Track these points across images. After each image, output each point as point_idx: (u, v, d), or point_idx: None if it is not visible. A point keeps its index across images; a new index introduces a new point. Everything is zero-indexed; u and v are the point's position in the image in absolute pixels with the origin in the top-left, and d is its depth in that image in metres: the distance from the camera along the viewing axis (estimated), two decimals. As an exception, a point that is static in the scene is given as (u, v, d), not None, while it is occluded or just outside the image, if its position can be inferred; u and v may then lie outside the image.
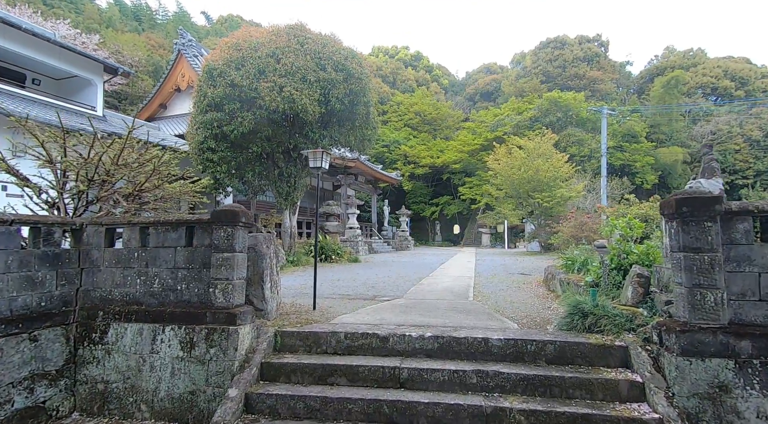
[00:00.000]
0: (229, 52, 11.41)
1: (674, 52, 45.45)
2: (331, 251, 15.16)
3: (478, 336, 3.84)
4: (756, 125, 34.03)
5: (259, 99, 10.83)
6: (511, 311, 5.11)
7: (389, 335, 3.96)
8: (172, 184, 5.07)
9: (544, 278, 7.50)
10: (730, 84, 39.44)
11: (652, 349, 3.36)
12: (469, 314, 4.90)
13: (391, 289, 7.27)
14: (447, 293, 6.57)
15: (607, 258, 4.71)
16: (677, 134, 35.38)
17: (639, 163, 31.70)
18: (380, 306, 5.45)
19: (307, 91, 10.99)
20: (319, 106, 11.45)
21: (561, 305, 5.28)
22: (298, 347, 4.05)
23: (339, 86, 11.58)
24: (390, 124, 41.91)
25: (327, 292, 7.04)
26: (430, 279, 8.82)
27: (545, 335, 3.89)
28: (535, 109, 33.21)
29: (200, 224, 4.03)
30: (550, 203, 18.64)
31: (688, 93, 38.06)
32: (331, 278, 9.36)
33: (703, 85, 39.64)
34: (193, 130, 11.94)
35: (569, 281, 5.70)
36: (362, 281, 8.75)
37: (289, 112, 10.98)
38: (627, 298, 4.02)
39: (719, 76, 40.13)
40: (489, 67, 57.34)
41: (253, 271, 4.45)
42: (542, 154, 20.05)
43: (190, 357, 3.69)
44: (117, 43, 31.32)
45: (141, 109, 23.30)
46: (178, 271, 4.01)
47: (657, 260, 4.69)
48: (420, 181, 37.68)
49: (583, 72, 40.13)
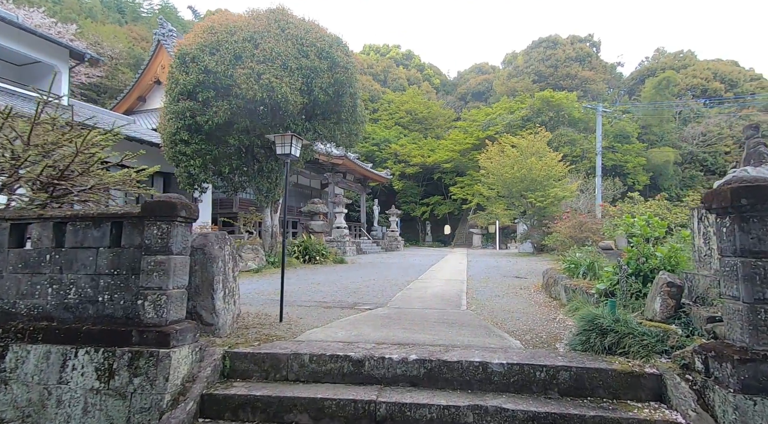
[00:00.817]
0: (203, 35, 10.54)
1: (665, 53, 45.54)
2: (315, 252, 14.34)
3: (474, 360, 3.10)
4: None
5: (235, 87, 9.99)
6: (511, 324, 4.39)
7: (365, 357, 3.19)
8: (110, 173, 4.24)
9: (543, 282, 6.81)
10: (720, 86, 39.57)
11: (695, 379, 2.65)
12: (463, 327, 4.16)
13: (375, 295, 6.51)
14: (437, 301, 5.83)
15: (624, 261, 4.02)
16: (668, 135, 35.27)
17: (630, 164, 31.44)
18: (359, 317, 4.68)
19: (288, 80, 10.18)
20: (302, 97, 10.64)
21: (568, 315, 4.58)
22: (251, 372, 3.26)
23: (323, 75, 10.79)
24: (380, 123, 41.17)
25: (302, 298, 6.26)
26: (419, 283, 8.08)
27: (557, 357, 3.16)
28: (528, 109, 32.76)
29: (129, 219, 3.22)
30: (543, 203, 18.07)
31: (678, 94, 38.04)
32: (310, 281, 8.56)
33: (693, 86, 39.70)
34: (164, 120, 11.03)
35: (575, 287, 5.00)
36: (344, 284, 7.97)
37: (268, 101, 10.15)
38: (654, 311, 3.32)
39: (709, 78, 40.25)
40: (480, 67, 56.95)
41: (201, 277, 3.65)
42: (535, 152, 19.49)
43: (108, 389, 2.87)
44: (96, 34, 30.04)
45: (118, 102, 22.22)
46: (101, 278, 3.20)
47: (681, 265, 4.02)
48: (410, 181, 37.00)
49: (575, 72, 39.89)
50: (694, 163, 34.57)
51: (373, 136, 37.93)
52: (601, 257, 5.78)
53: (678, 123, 37.01)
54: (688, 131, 35.72)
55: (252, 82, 9.81)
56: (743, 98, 39.10)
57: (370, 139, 37.84)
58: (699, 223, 3.30)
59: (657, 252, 3.94)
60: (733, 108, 37.15)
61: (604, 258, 5.74)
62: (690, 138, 35.21)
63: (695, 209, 3.42)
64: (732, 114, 36.09)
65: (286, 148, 4.62)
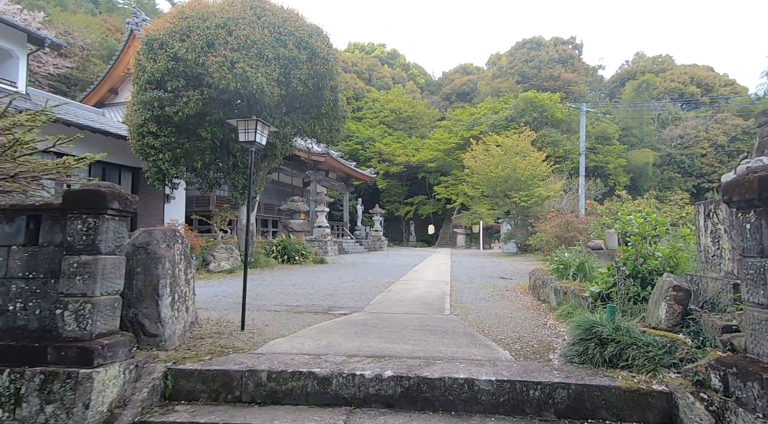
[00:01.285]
0: (173, 21, 9.88)
1: (644, 57, 46.44)
2: (294, 252, 13.78)
3: (459, 376, 2.68)
4: (721, 130, 34.93)
5: (206, 76, 9.38)
6: (499, 330, 4.00)
7: (333, 373, 2.74)
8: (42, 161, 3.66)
9: (530, 284, 6.47)
10: (696, 90, 40.54)
11: (711, 399, 2.30)
12: (446, 335, 3.74)
13: (352, 298, 6.06)
14: (418, 304, 5.41)
15: (621, 262, 3.67)
16: (647, 137, 35.89)
17: (612, 165, 31.82)
18: (331, 324, 4.22)
19: (264, 70, 9.62)
20: (279, 88, 10.10)
21: (559, 320, 4.23)
22: (199, 393, 2.77)
23: (302, 66, 10.27)
24: (365, 121, 40.71)
25: (273, 302, 5.75)
26: (401, 285, 7.66)
27: (552, 372, 2.77)
28: (512, 109, 32.82)
29: (49, 213, 2.69)
30: (527, 203, 17.93)
31: (657, 97, 38.77)
32: (285, 283, 8.04)
33: (671, 90, 40.56)
34: (131, 111, 10.33)
35: (566, 290, 4.66)
36: (321, 286, 7.49)
37: (243, 92, 9.57)
38: (658, 318, 2.97)
39: (686, 82, 41.20)
40: (465, 68, 57.00)
41: (145, 281, 3.13)
42: (520, 151, 19.37)
43: (14, 420, 2.35)
44: (66, 23, 28.62)
45: (88, 94, 21.12)
46: (12, 282, 2.65)
47: (681, 266, 3.70)
48: (395, 180, 36.64)
49: (558, 73, 40.24)
50: (672, 165, 35.26)
51: (357, 135, 37.45)
52: (591, 258, 5.48)
53: (657, 125, 37.72)
54: (666, 134, 36.44)
55: (225, 71, 9.22)
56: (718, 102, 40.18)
57: (354, 138, 37.33)
58: (706, 220, 2.99)
59: (658, 252, 3.62)
60: (709, 111, 38.11)
61: (594, 258, 5.43)
62: (668, 140, 35.92)
63: (701, 205, 3.11)
64: (708, 117, 36.99)
65: (250, 135, 4.13)
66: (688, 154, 34.83)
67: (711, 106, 39.56)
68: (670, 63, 44.31)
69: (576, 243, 8.01)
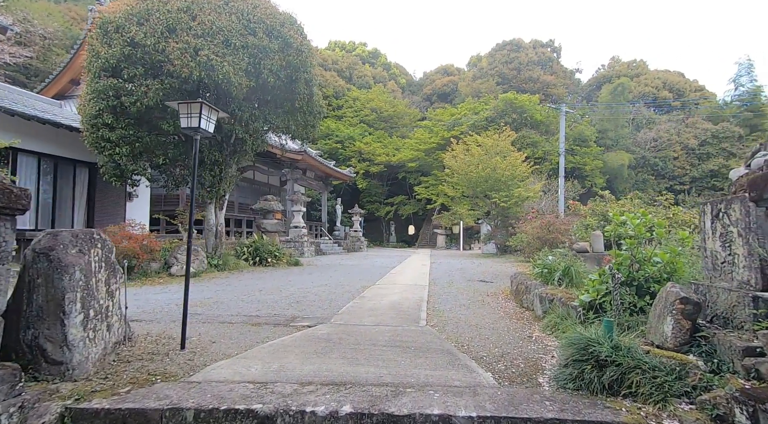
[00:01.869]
0: (130, 2, 9.09)
1: (619, 62, 47.48)
2: (267, 253, 13.10)
3: (433, 412, 2.19)
4: (692, 134, 35.94)
5: (167, 63, 8.63)
6: (479, 345, 3.55)
7: (277, 411, 2.21)
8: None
9: (513, 289, 6.08)
10: (669, 95, 41.70)
11: (736, 439, 1.89)
12: (420, 353, 3.26)
13: (321, 305, 5.52)
14: (392, 314, 4.91)
15: (615, 267, 3.28)
16: (623, 140, 36.57)
17: (589, 167, 32.23)
18: (290, 340, 3.67)
19: (231, 58, 8.95)
20: (248, 79, 9.44)
21: (546, 332, 3.81)
22: (105, 439, 2.19)
23: (273, 56, 9.64)
24: (345, 120, 40.08)
25: (231, 311, 5.15)
26: (376, 289, 7.16)
27: (543, 403, 2.32)
28: (492, 110, 32.84)
29: None
30: (507, 203, 17.75)
31: (632, 101, 39.64)
32: (251, 288, 7.42)
33: (645, 94, 41.57)
34: (85, 100, 9.47)
35: (552, 297, 4.26)
36: (290, 292, 6.91)
37: (208, 82, 8.87)
38: (663, 336, 2.57)
39: (659, 87, 42.33)
40: (446, 69, 57.05)
41: (47, 295, 2.52)
42: (500, 151, 19.19)
43: None
44: (26, 10, 26.88)
45: (47, 85, 19.76)
46: None
47: (679, 273, 3.34)
48: (375, 180, 36.15)
49: (537, 75, 40.63)
50: (646, 168, 36.04)
51: (337, 134, 36.78)
52: (577, 261, 5.13)
53: (632, 128, 38.54)
54: (641, 136, 37.27)
55: (187, 59, 8.51)
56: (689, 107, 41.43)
57: (333, 136, 36.66)
58: (714, 221, 2.61)
59: (657, 257, 3.24)
60: (681, 115, 39.21)
61: (580, 262, 5.08)
62: (643, 143, 36.73)
63: (708, 205, 2.74)
64: (680, 121, 38.04)
65: (194, 120, 3.55)
66: (661, 156, 35.69)
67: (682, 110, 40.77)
68: (644, 68, 45.47)
69: (559, 245, 7.69)
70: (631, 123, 39.03)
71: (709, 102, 43.17)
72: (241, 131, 10.54)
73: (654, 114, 40.17)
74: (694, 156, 35.23)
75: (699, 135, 35.63)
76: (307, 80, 10.93)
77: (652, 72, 44.50)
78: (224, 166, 11.16)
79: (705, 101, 43.07)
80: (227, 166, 11.26)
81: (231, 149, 11.21)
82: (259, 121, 10.74)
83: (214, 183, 11.04)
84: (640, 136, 37.35)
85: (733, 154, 34.03)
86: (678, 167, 35.34)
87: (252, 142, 11.24)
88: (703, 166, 34.36)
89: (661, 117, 39.48)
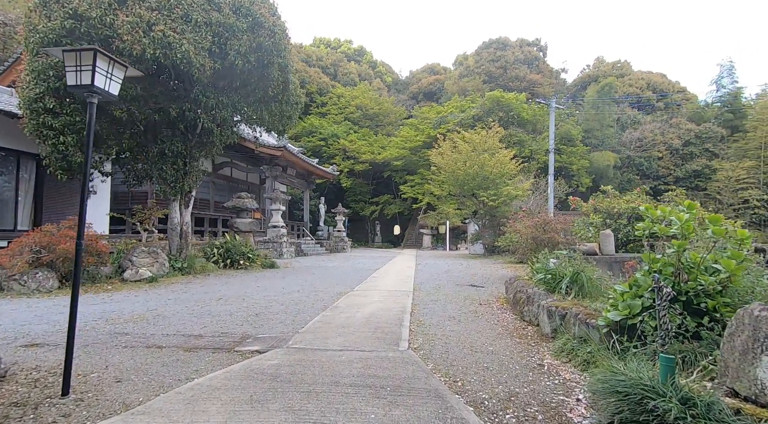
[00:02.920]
0: (74, -31, 7.98)
1: (604, 62, 47.65)
2: (239, 255, 12.06)
3: None
4: (675, 134, 36.08)
5: (116, 39, 7.56)
6: (478, 380, 2.70)
7: None
8: None
9: (510, 298, 5.27)
10: (652, 95, 41.96)
11: None
12: (398, 399, 2.37)
13: (284, 319, 4.61)
14: (366, 332, 4.01)
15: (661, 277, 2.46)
16: (608, 140, 36.52)
17: (575, 166, 32.00)
18: (222, 378, 2.72)
19: (192, 36, 7.94)
20: (212, 60, 8.44)
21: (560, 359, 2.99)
22: None
23: (241, 37, 8.65)
24: (329, 117, 39.04)
25: (170, 328, 4.19)
26: (353, 297, 6.27)
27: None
28: (479, 108, 32.30)
29: None
30: (495, 202, 17.07)
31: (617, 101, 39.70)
32: (210, 296, 6.44)
33: (629, 94, 41.71)
34: (24, 82, 8.32)
35: (564, 311, 3.44)
36: (254, 300, 5.97)
37: (165, 61, 7.83)
38: (758, 384, 1.75)
39: (643, 88, 42.56)
40: (432, 68, 56.51)
41: None
42: (488, 148, 18.52)
43: None
44: (-16, -4, 25.12)
45: (2, 73, 18.26)
46: None
47: (735, 284, 2.55)
48: (360, 179, 35.23)
49: (523, 74, 40.33)
50: (631, 167, 36.04)
51: (321, 131, 35.73)
52: (587, 266, 4.34)
53: (617, 128, 38.56)
54: (626, 136, 37.28)
55: (139, 35, 7.46)
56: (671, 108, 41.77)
57: (317, 134, 35.60)
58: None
59: (719, 264, 2.44)
60: (664, 116, 39.43)
61: (592, 267, 4.30)
62: (628, 143, 36.74)
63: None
64: (664, 121, 38.21)
65: (86, 75, 2.59)
66: (646, 156, 35.72)
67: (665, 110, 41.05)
68: (628, 68, 45.71)
69: (558, 246, 6.94)
70: (617, 123, 39.07)
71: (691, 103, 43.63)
72: (207, 120, 9.52)
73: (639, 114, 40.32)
74: (678, 156, 35.35)
75: (683, 135, 35.78)
76: (282, 66, 9.96)
77: (636, 73, 44.75)
78: (189, 160, 10.11)
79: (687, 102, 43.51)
80: (192, 159, 10.21)
81: (197, 140, 10.17)
82: (227, 109, 9.73)
83: (178, 178, 9.98)
84: (626, 136, 37.37)
85: (716, 154, 34.26)
86: (662, 167, 35.42)
87: (220, 133, 10.23)
88: (686, 166, 34.47)
89: (645, 117, 39.64)
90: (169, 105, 8.98)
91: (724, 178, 31.49)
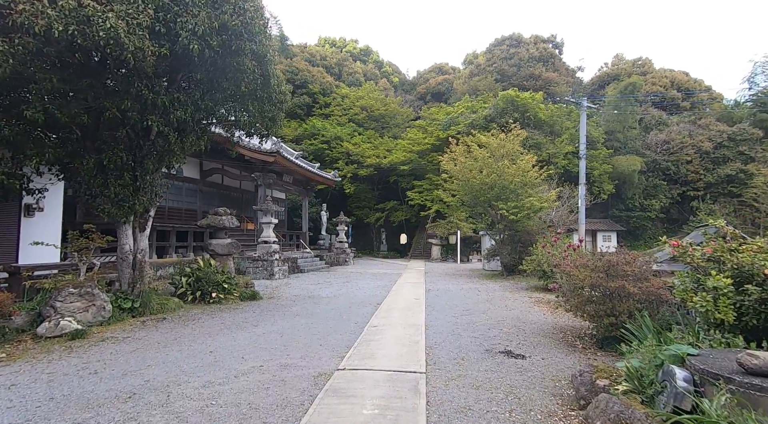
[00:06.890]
0: None
1: (624, 60, 45.04)
2: (212, 285, 9.97)
3: None
4: (705, 137, 33.39)
5: (12, 13, 5.49)
6: None
7: None
8: None
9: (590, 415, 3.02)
10: (678, 94, 39.27)
11: None
12: None
13: None
14: None
15: None
16: (631, 142, 33.95)
17: (597, 171, 29.51)
18: None
19: (124, 8, 5.83)
20: (155, 43, 6.33)
21: None
22: None
23: (197, 13, 6.55)
24: (332, 118, 37.00)
25: None
26: (333, 392, 4.09)
27: None
28: (491, 109, 29.94)
29: None
30: (517, 217, 14.78)
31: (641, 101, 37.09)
32: (119, 389, 4.29)
33: (652, 93, 39.07)
34: None
35: None
36: (179, 406, 3.81)
37: (83, 41, 5.72)
38: None
39: (667, 86, 39.89)
40: (441, 68, 54.33)
41: None
42: (507, 153, 16.24)
43: None
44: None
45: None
46: None
47: None
48: (364, 184, 33.09)
49: (538, 72, 37.93)
50: (656, 172, 33.42)
51: (324, 133, 33.70)
52: None
53: (640, 130, 35.91)
54: (651, 138, 34.64)
55: (43, 3, 5.37)
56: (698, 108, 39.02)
57: (319, 136, 33.57)
58: None
59: None
60: (692, 117, 36.71)
61: None
62: (653, 145, 34.12)
63: None
64: (692, 122, 35.51)
65: None
66: (673, 160, 33.09)
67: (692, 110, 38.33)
68: (650, 66, 43.05)
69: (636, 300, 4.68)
70: (640, 124, 36.45)
71: (717, 103, 40.85)
72: (160, 123, 7.41)
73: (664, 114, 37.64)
74: (708, 160, 32.67)
75: (713, 137, 33.08)
76: (258, 54, 7.83)
77: (659, 70, 42.07)
78: (140, 173, 8.01)
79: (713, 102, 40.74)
80: (145, 172, 8.10)
81: (150, 148, 8.07)
82: (186, 109, 7.60)
83: (126, 196, 7.87)
84: (650, 137, 34.73)
85: (752, 158, 31.50)
86: (691, 172, 32.76)
87: (179, 139, 8.12)
88: (718, 171, 31.76)
89: (671, 118, 36.95)
90: (104, 103, 6.89)
91: (762, 184, 28.79)
